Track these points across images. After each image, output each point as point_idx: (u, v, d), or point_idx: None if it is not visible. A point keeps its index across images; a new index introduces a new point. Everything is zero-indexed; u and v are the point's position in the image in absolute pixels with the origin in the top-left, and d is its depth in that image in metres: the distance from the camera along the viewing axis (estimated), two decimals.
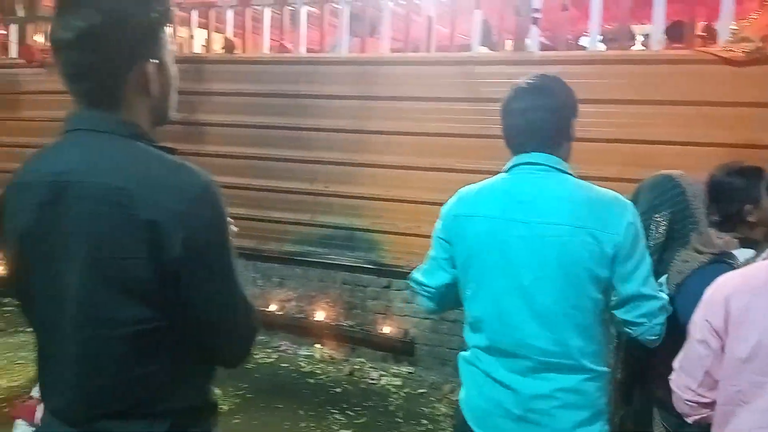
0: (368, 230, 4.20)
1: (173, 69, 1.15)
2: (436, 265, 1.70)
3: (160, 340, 1.06)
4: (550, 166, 1.59)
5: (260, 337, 2.69)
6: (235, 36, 4.72)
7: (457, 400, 1.72)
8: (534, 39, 3.84)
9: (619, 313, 1.55)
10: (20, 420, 2.69)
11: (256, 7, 4.58)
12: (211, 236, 1.05)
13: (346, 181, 4.23)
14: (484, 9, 4.10)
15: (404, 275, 4.05)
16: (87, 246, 1.01)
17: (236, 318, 1.13)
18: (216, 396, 1.22)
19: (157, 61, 1.09)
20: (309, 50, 4.62)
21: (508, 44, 4.52)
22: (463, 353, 1.72)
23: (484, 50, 4.10)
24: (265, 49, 4.62)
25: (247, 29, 4.61)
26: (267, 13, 4.55)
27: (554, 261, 1.48)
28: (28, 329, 3.72)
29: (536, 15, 3.91)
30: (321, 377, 4.00)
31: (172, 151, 1.10)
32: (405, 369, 4.09)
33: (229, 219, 1.10)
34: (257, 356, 4.16)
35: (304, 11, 4.44)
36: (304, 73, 4.32)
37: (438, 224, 1.71)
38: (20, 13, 5.54)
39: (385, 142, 4.09)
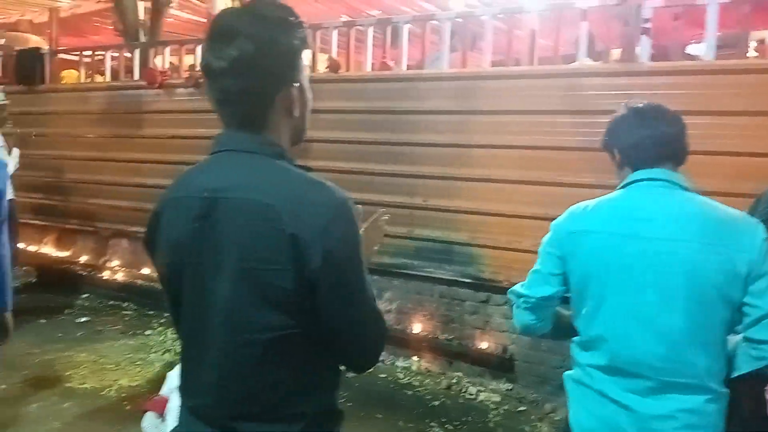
0: (467, 244, 4.19)
1: (309, 91, 1.23)
2: (541, 278, 1.69)
3: (295, 347, 1.12)
4: (673, 182, 1.55)
5: None
6: (339, 55, 4.89)
7: (558, 420, 1.69)
8: (644, 49, 3.71)
9: (752, 332, 1.47)
10: (150, 412, 2.90)
11: (359, 27, 4.73)
12: (347, 249, 1.10)
13: (445, 194, 4.25)
14: (589, 20, 4.01)
15: (503, 290, 4.02)
16: (235, 257, 1.09)
17: (366, 327, 1.18)
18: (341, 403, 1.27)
19: (298, 84, 1.17)
20: (410, 67, 4.70)
21: (613, 54, 4.39)
22: (570, 373, 1.69)
23: (589, 62, 4.01)
24: (368, 67, 4.75)
25: (350, 48, 4.76)
26: (370, 33, 4.68)
27: (682, 279, 1.44)
28: (146, 332, 4.02)
29: (646, 24, 3.79)
30: (419, 389, 4.02)
31: (308, 169, 1.17)
32: (503, 386, 4.03)
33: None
34: None
35: (405, 29, 4.53)
36: (405, 89, 4.40)
37: (548, 239, 1.70)
38: (143, 38, 6.02)
39: (485, 155, 4.08)
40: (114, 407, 3.54)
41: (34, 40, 7.26)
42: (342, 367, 1.24)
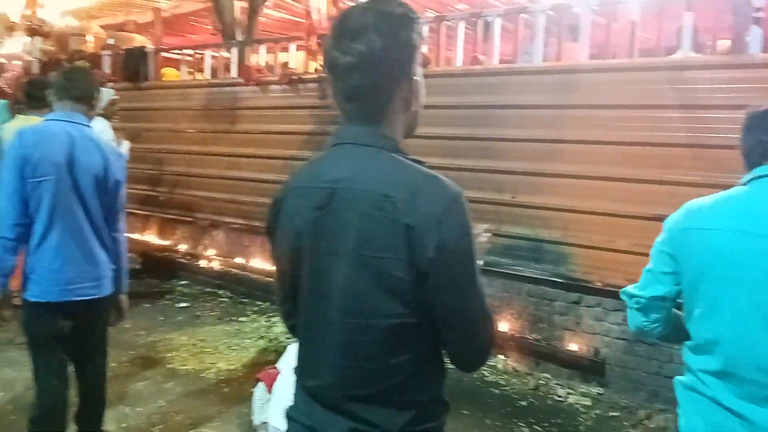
0: (557, 243, 4.10)
1: (423, 86, 1.25)
2: (652, 277, 1.63)
3: (411, 335, 1.16)
4: None
5: None
6: (429, 51, 4.90)
7: (654, 428, 1.63)
8: (755, 39, 3.48)
9: None
10: (262, 383, 3.04)
11: (450, 22, 4.72)
12: (460, 242, 1.12)
13: (534, 191, 4.17)
14: (693, 10, 3.81)
15: (596, 292, 3.93)
16: (353, 245, 1.14)
17: (476, 323, 1.19)
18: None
19: (415, 79, 1.20)
20: (502, 61, 4.65)
21: (721, 46, 4.15)
22: (680, 378, 1.62)
23: (692, 54, 3.81)
24: (458, 62, 4.73)
25: (440, 44, 4.76)
26: (461, 27, 4.66)
27: None
28: (240, 319, 4.18)
29: (757, 14, 3.56)
30: (505, 388, 3.98)
31: (421, 163, 1.20)
32: (594, 389, 3.92)
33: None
34: None
35: (497, 23, 4.47)
36: (496, 84, 4.35)
37: (661, 237, 1.64)
38: (239, 37, 6.28)
39: (579, 151, 3.97)
40: (213, 389, 3.73)
41: (139, 40, 7.74)
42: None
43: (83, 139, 2.54)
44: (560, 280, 4.11)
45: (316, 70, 5.32)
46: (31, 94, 4.15)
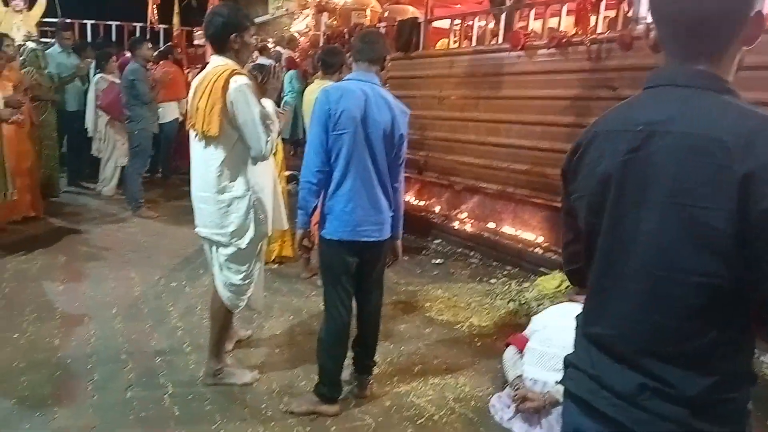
0: None
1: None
2: None
3: (718, 297, 1.06)
4: None
5: None
6: None
7: None
8: None
9: None
10: (512, 347, 3.13)
11: None
12: None
13: None
14: None
15: None
16: (665, 192, 1.07)
17: None
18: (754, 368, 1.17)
19: (759, 12, 1.08)
20: None
21: None
22: None
23: None
24: None
25: None
26: None
27: None
28: (491, 280, 4.24)
29: None
30: None
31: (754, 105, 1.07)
32: None
33: None
34: None
35: None
36: None
37: None
38: (508, 2, 6.26)
39: None
40: (467, 340, 3.90)
41: (411, 11, 8.20)
42: None
43: (376, 97, 2.80)
44: None
45: (590, 31, 5.06)
46: (324, 61, 4.69)
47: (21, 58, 6.37)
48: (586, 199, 1.25)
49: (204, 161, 2.92)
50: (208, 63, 3.05)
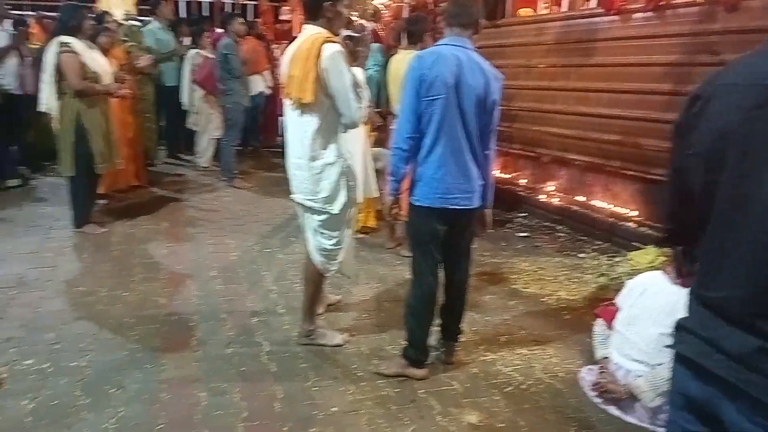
0: None
1: None
2: None
3: None
4: None
5: None
6: None
7: None
8: None
9: None
10: (601, 320, 3.08)
11: None
12: None
13: None
14: None
15: None
16: None
17: None
18: None
19: None
20: None
21: None
22: None
23: None
24: None
25: None
26: None
27: None
28: (579, 255, 4.14)
29: None
30: None
31: None
32: None
33: None
34: None
35: None
36: None
37: None
38: None
39: None
40: (554, 313, 3.85)
41: None
42: None
43: (469, 62, 2.77)
44: None
45: None
46: (407, 30, 4.68)
47: (122, 36, 6.73)
48: (704, 155, 1.20)
49: (298, 128, 3.00)
50: (294, 37, 3.11)
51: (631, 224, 5.15)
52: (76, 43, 4.68)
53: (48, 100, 4.76)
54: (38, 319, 3.44)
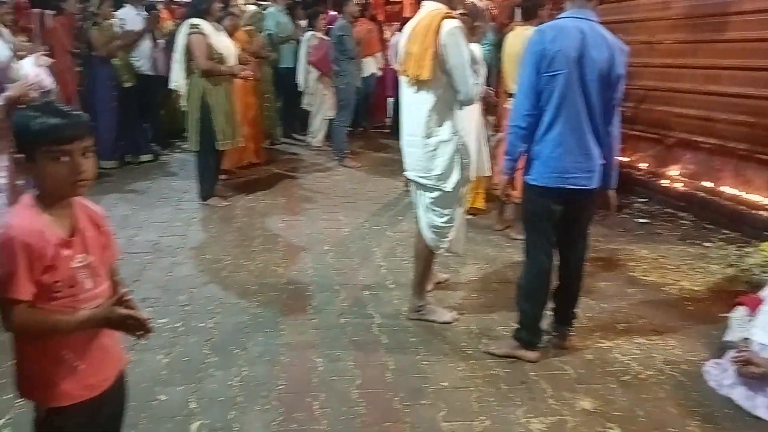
0: None
1: None
2: None
3: None
4: None
5: None
6: None
7: None
8: None
9: None
10: (743, 307, 2.89)
11: None
12: None
13: None
14: None
15: None
16: None
17: None
18: None
19: None
20: None
21: None
22: None
23: None
24: None
25: None
26: None
27: None
28: (705, 244, 3.88)
29: None
30: None
31: None
32: None
33: None
34: None
35: None
36: None
37: None
38: None
39: None
40: (676, 303, 3.64)
41: None
42: None
43: (593, 34, 2.66)
44: None
45: None
46: (522, 7, 4.55)
47: (244, 21, 7.05)
48: None
49: (414, 106, 3.02)
50: (406, 18, 3.11)
51: (764, 213, 4.74)
52: (205, 25, 4.96)
53: (177, 78, 5.11)
54: (171, 283, 3.74)
